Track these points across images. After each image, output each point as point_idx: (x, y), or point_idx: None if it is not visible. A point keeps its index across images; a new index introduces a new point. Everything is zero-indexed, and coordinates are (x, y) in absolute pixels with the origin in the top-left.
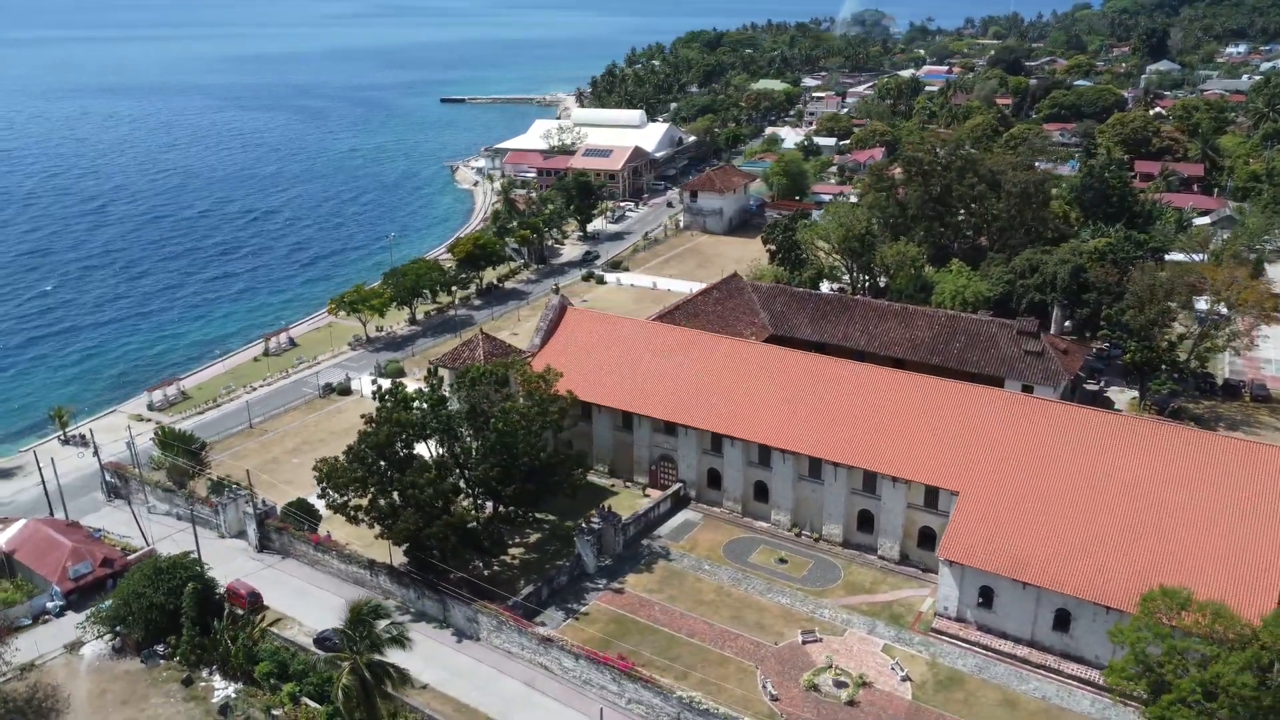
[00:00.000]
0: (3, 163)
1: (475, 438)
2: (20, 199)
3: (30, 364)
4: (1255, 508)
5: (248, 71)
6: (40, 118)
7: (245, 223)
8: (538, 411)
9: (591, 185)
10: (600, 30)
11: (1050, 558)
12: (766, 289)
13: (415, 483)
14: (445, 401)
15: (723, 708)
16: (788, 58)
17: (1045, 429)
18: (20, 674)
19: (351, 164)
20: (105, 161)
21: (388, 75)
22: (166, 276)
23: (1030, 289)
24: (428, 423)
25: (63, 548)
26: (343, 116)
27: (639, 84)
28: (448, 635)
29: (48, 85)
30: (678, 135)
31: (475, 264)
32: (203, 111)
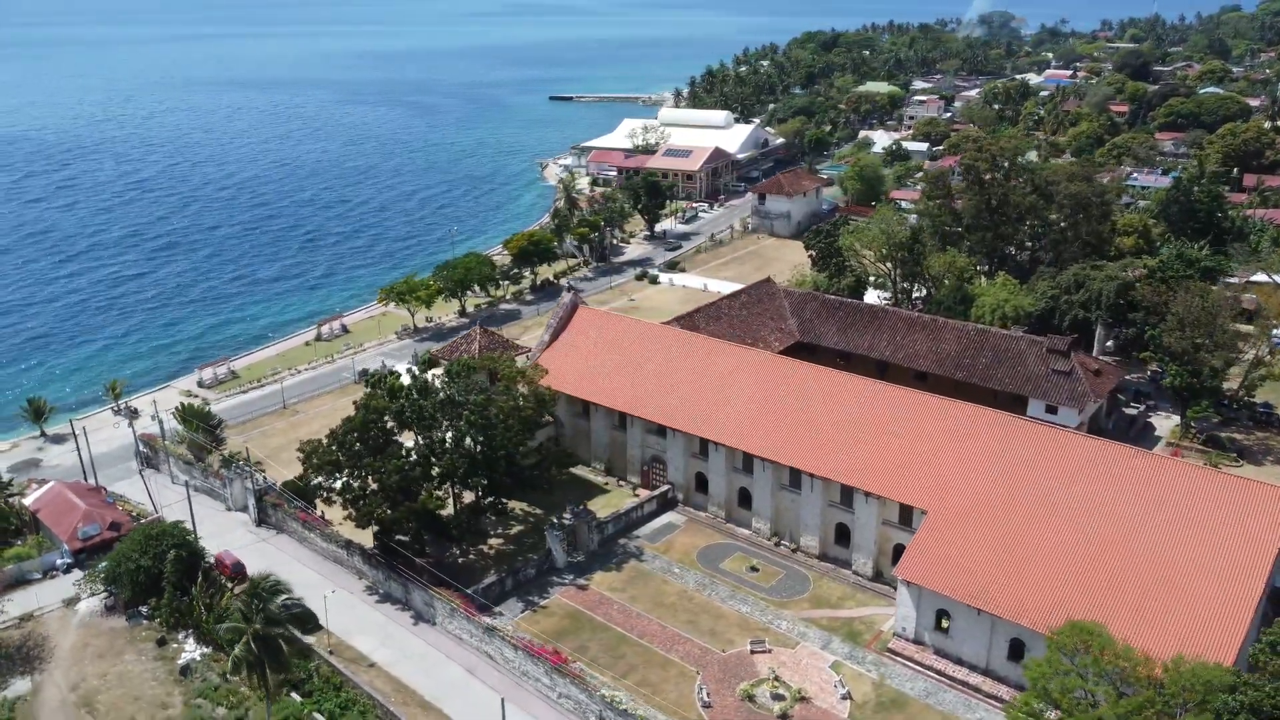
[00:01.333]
0: (135, 150)
1: (450, 428)
2: (139, 184)
3: (109, 338)
4: (1231, 547)
5: (374, 67)
6: (175, 109)
7: (335, 213)
8: (513, 406)
9: (659, 185)
10: (722, 30)
11: (1008, 585)
12: (799, 295)
13: (383, 468)
14: (426, 391)
15: (642, 709)
16: (902, 60)
17: (1026, 452)
18: (19, 623)
19: (449, 159)
20: (222, 151)
21: (505, 73)
22: (248, 261)
23: (1074, 306)
24: (401, 410)
25: (76, 510)
26: (452, 113)
27: (740, 85)
28: (406, 618)
29: (188, 78)
30: (763, 137)
31: (528, 260)
32: (322, 106)
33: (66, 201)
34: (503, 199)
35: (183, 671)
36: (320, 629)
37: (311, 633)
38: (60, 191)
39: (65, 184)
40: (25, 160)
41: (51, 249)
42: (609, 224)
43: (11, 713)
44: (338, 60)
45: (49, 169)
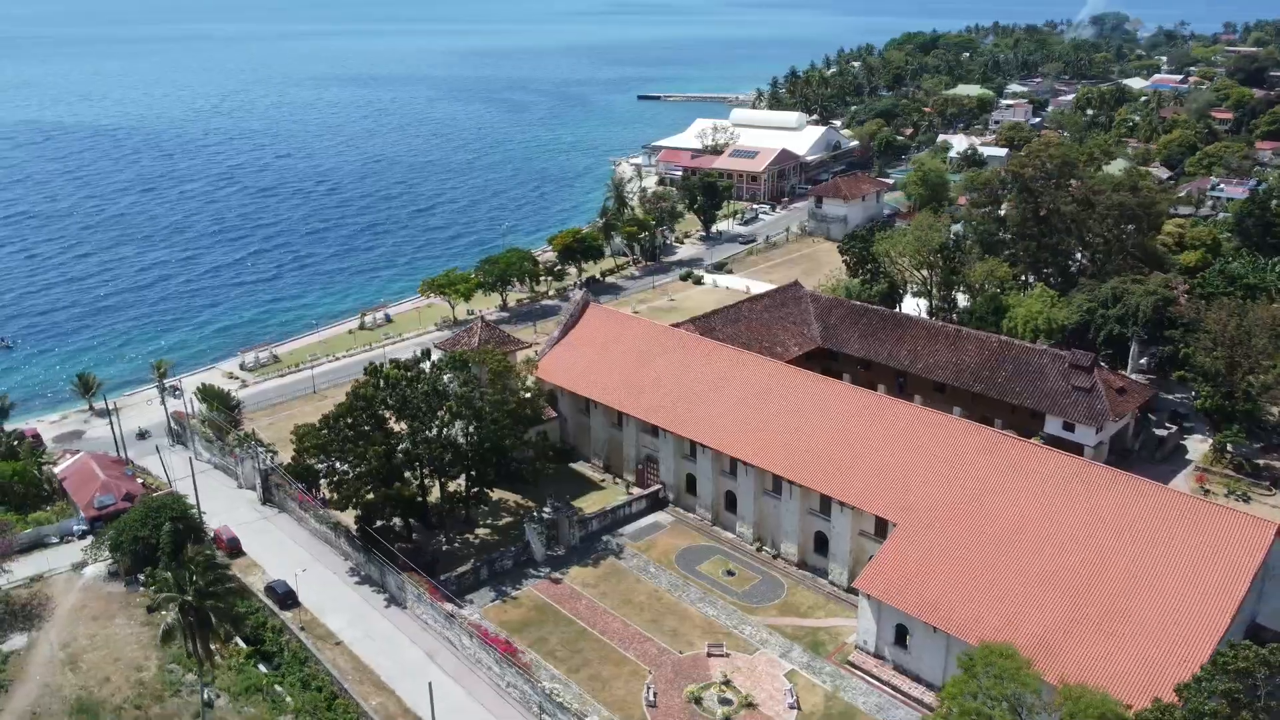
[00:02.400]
0: (233, 141)
1: (434, 418)
2: (229, 174)
3: (169, 318)
4: (1202, 577)
5: (475, 65)
6: (279, 104)
7: (404, 205)
8: (498, 399)
9: (716, 186)
10: (826, 30)
11: (964, 603)
12: (825, 300)
13: (364, 453)
14: (416, 381)
15: (585, 704)
16: (1000, 62)
17: (1005, 469)
18: (29, 583)
19: (526, 155)
20: (313, 145)
21: (599, 71)
22: (312, 249)
23: (1110, 320)
24: (384, 398)
25: (96, 481)
26: (540, 110)
27: (824, 86)
28: (380, 600)
29: (299, 74)
30: (835, 139)
31: (573, 257)
32: (417, 102)
33: (162, 188)
34: (569, 196)
35: (164, 637)
36: (297, 605)
37: (289, 609)
38: (159, 178)
39: (165, 172)
40: (135, 149)
41: (135, 233)
42: (659, 224)
43: (4, 664)
44: (442, 58)
45: (156, 157)
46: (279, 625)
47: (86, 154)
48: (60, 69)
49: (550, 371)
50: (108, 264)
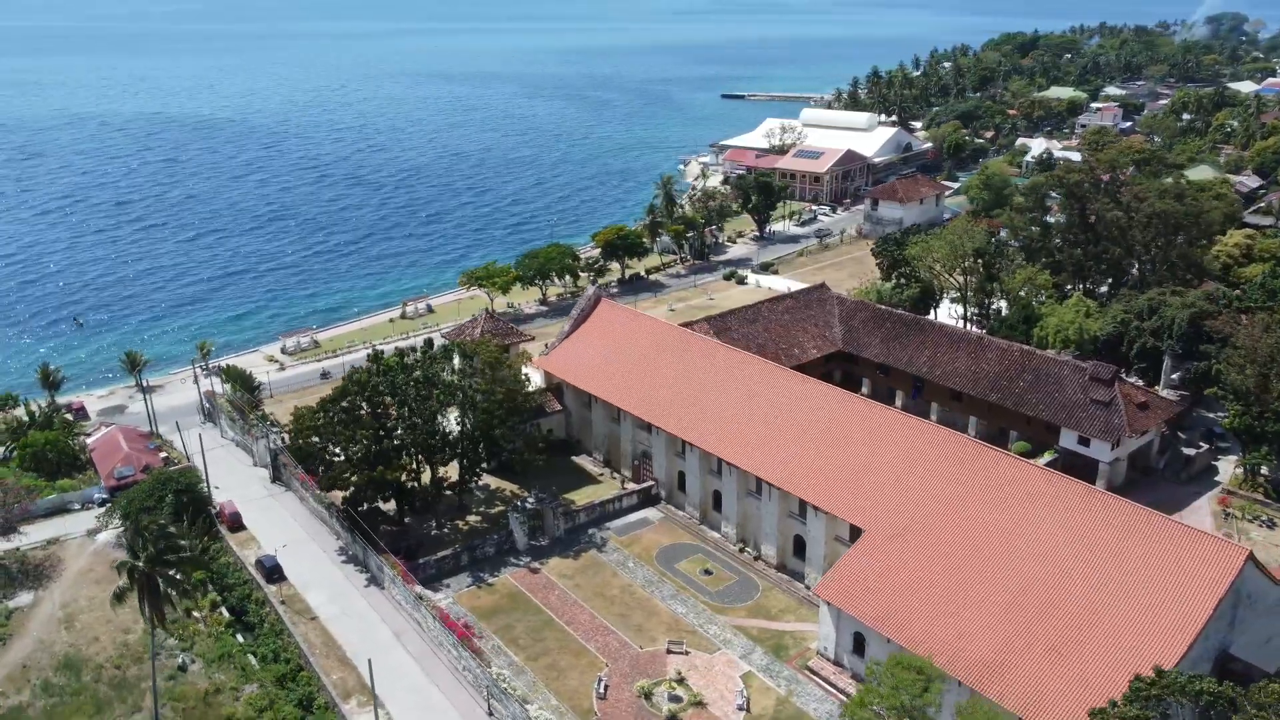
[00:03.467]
0: (325, 135)
1: (423, 405)
2: (314, 166)
3: (227, 302)
4: (1167, 600)
5: (567, 63)
6: (373, 99)
7: (470, 199)
8: (486, 389)
9: (772, 186)
10: (929, 29)
11: (919, 615)
12: (851, 303)
13: (351, 437)
14: (409, 368)
15: (526, 692)
16: (1100, 64)
17: (979, 480)
18: (45, 545)
19: (598, 152)
20: (397, 139)
21: (689, 69)
22: (372, 239)
23: (1144, 333)
24: (374, 383)
25: (119, 453)
26: (622, 108)
27: (907, 87)
28: (361, 580)
29: (396, 71)
30: (905, 141)
31: (615, 253)
32: (504, 99)
33: (247, 178)
34: (631, 193)
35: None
36: (283, 579)
37: (275, 582)
38: (247, 169)
39: (253, 163)
40: (232, 140)
41: (211, 220)
42: (708, 223)
43: (8, 620)
44: (537, 56)
45: (249, 149)
46: (262, 598)
47: (190, 145)
48: (184, 63)
49: (556, 365)
50: (182, 248)
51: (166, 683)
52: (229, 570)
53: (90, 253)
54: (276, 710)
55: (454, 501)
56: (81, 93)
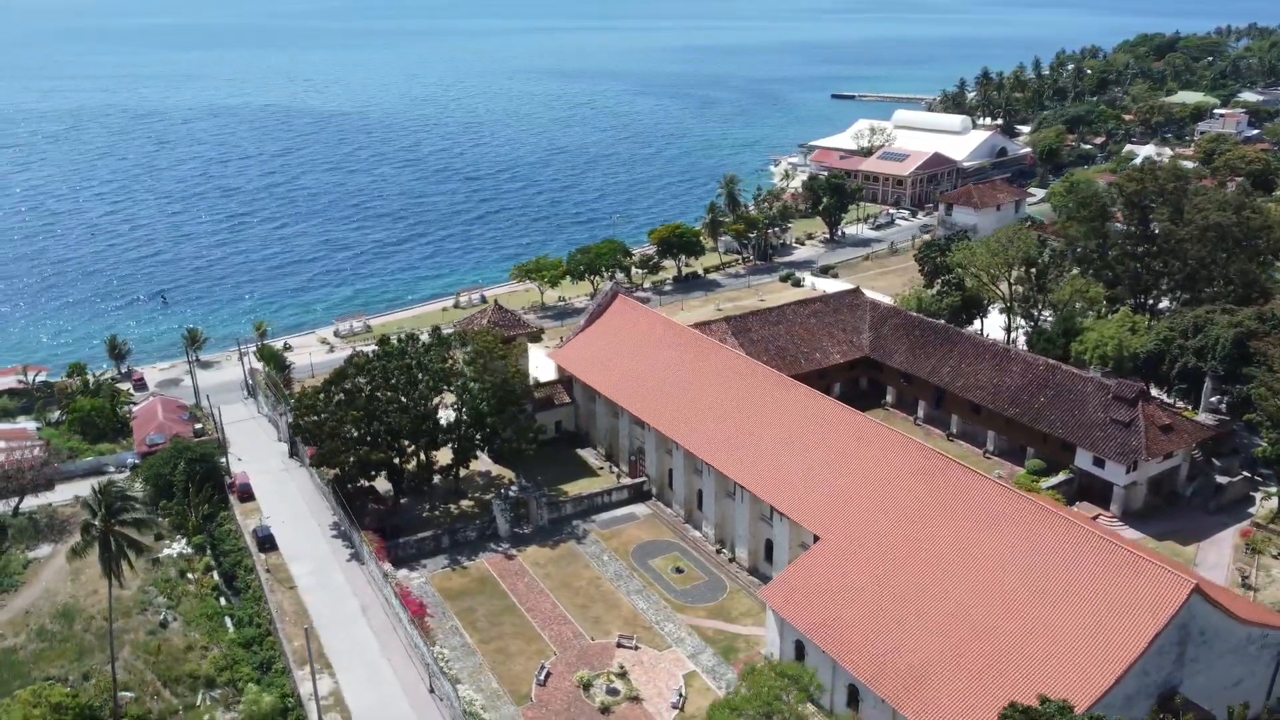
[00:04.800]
0: (430, 128)
1: (413, 390)
2: (412, 160)
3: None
4: (1106, 627)
5: (683, 61)
6: (485, 94)
7: (554, 194)
8: (474, 378)
9: (844, 187)
10: (1066, 30)
11: (855, 626)
12: (884, 309)
13: (343, 417)
14: (404, 353)
15: (462, 670)
16: (1240, 68)
17: (940, 494)
18: (74, 502)
19: (693, 150)
20: (498, 134)
21: (806, 68)
22: (449, 229)
23: (1187, 353)
24: (371, 367)
25: (154, 421)
26: (728, 107)
27: (1019, 88)
28: (345, 554)
29: (515, 68)
30: (1000, 145)
31: (671, 251)
32: (613, 96)
33: (346, 168)
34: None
35: (154, 562)
36: (274, 549)
37: (266, 552)
38: (349, 159)
39: (356, 154)
40: (344, 132)
41: (301, 207)
42: (771, 224)
43: (25, 569)
44: (657, 53)
45: (357, 141)
46: (251, 565)
47: (309, 137)
48: (315, 59)
49: (567, 358)
50: (274, 234)
51: (146, 637)
52: (227, 537)
53: (193, 235)
54: (235, 671)
55: (450, 486)
56: (219, 85)
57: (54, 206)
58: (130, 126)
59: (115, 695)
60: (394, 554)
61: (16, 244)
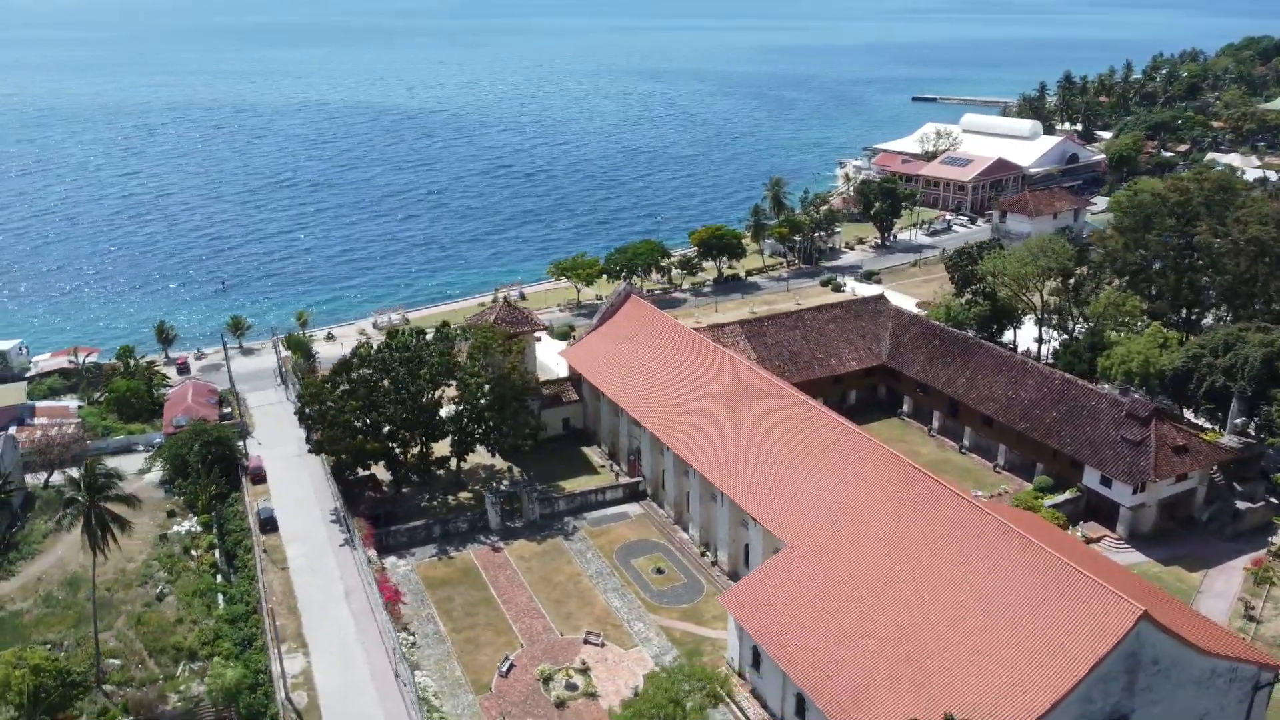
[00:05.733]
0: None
1: (412, 381)
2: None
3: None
4: (1050, 651)
5: (766, 61)
6: (564, 91)
7: (614, 193)
8: (473, 372)
9: (896, 192)
10: (1169, 31)
11: (806, 636)
12: (906, 317)
13: (343, 407)
14: (406, 346)
15: (421, 658)
16: None
17: (906, 507)
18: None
19: (760, 151)
20: (568, 132)
21: (890, 70)
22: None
23: (1216, 371)
24: (373, 358)
25: (181, 404)
26: (806, 108)
27: (1101, 92)
28: (340, 539)
29: (601, 67)
30: (1071, 151)
31: (711, 253)
32: (690, 96)
33: (416, 164)
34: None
35: (161, 538)
36: (275, 531)
37: (267, 533)
38: (427, 157)
39: (433, 152)
40: (425, 130)
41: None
42: (816, 227)
43: (44, 539)
44: (738, 53)
45: (433, 138)
46: (251, 545)
47: (398, 132)
48: (406, 57)
49: (576, 356)
50: (339, 227)
51: (142, 608)
52: (233, 517)
53: (263, 226)
54: (216, 645)
55: (452, 477)
56: (310, 82)
57: (143, 196)
58: (226, 120)
59: (99, 661)
60: (384, 541)
61: (103, 231)
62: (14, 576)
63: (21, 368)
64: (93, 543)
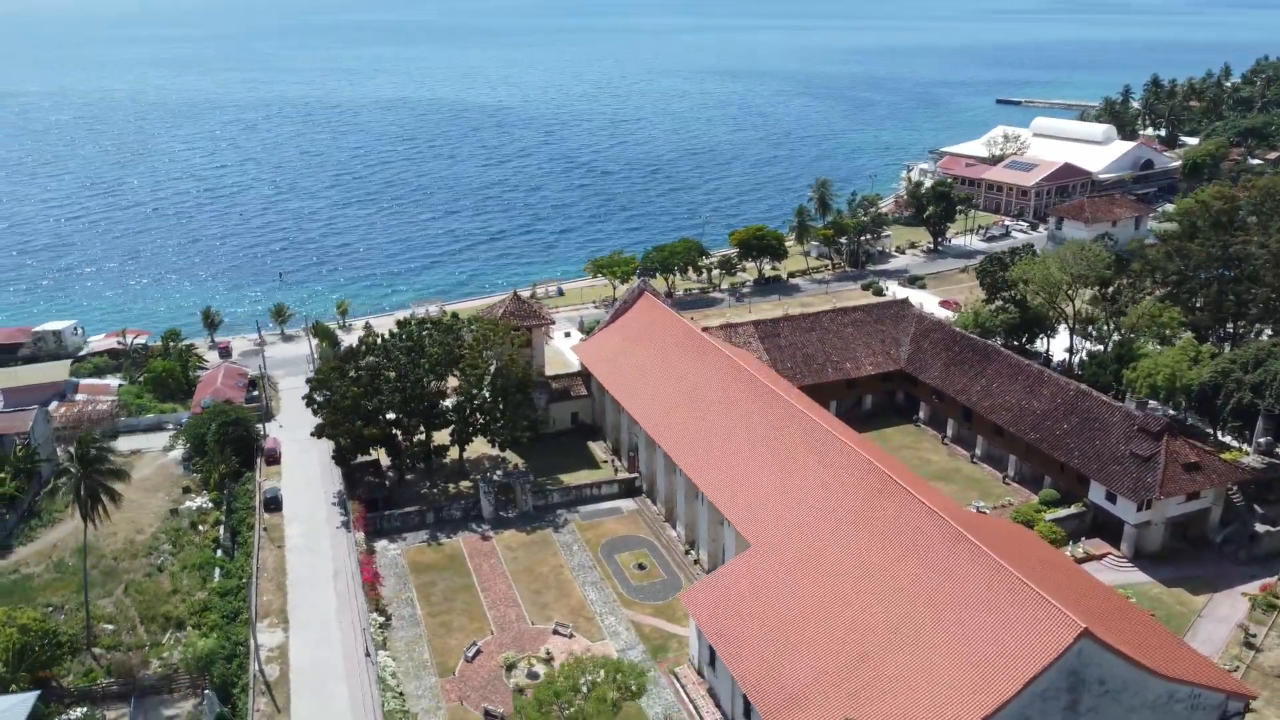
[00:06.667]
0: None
1: (412, 370)
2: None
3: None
4: (982, 664)
5: (850, 61)
6: (644, 92)
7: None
8: (471, 364)
9: (949, 196)
10: None
11: (753, 637)
12: (929, 323)
13: (345, 392)
14: (409, 335)
15: (392, 639)
16: None
17: (871, 512)
18: (129, 454)
19: (826, 152)
20: (643, 130)
21: (977, 72)
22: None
23: (1244, 387)
24: (378, 347)
25: (210, 387)
26: (883, 109)
27: (1192, 96)
28: (338, 520)
29: (683, 66)
30: (1146, 157)
31: (750, 253)
32: (763, 95)
33: (498, 163)
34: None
35: (172, 512)
36: (279, 510)
37: (272, 512)
38: (493, 153)
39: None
40: (502, 127)
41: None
42: (862, 230)
43: (66, 508)
44: (822, 53)
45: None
46: (253, 522)
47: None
48: (495, 56)
49: (585, 352)
50: (398, 220)
51: (143, 578)
52: (243, 495)
53: (334, 219)
54: (204, 616)
55: (455, 466)
56: (397, 80)
57: (224, 189)
58: (312, 116)
59: (89, 624)
60: (379, 525)
61: (180, 222)
62: (32, 542)
63: (76, 347)
64: (84, 512)
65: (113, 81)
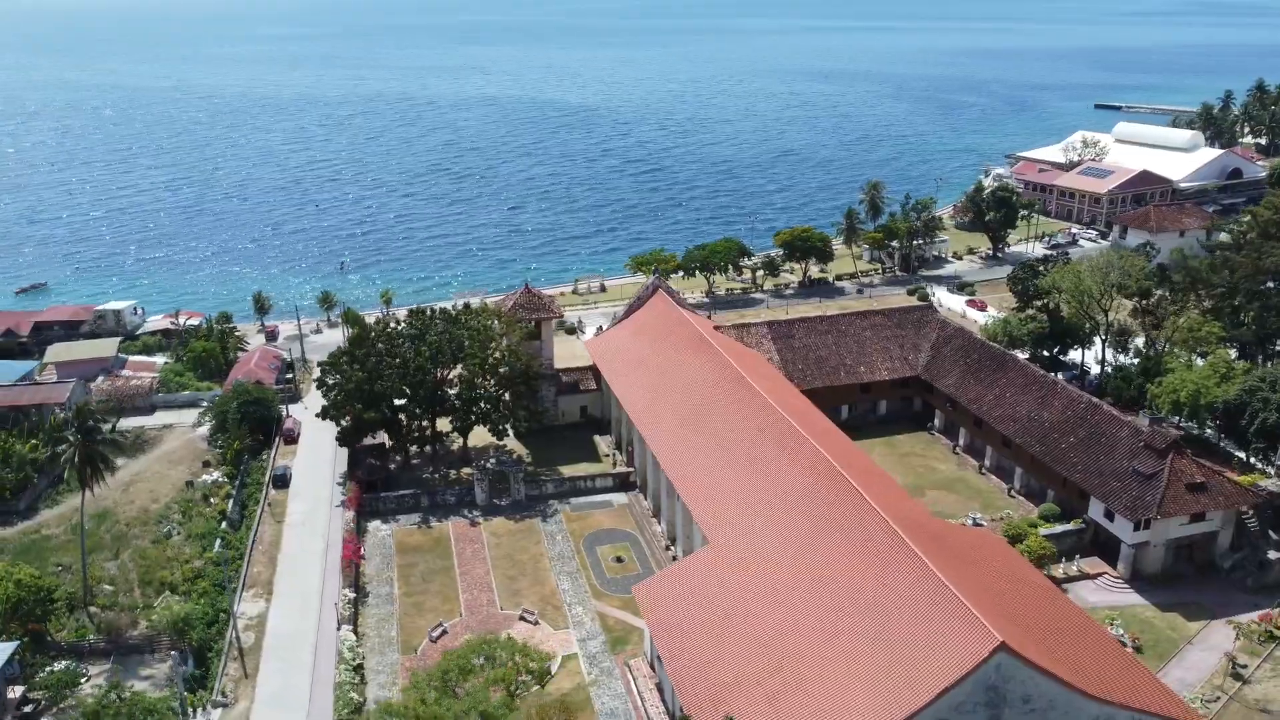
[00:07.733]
0: (661, 123)
1: (415, 357)
2: (624, 151)
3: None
4: (905, 672)
5: (949, 64)
6: (731, 93)
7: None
8: (472, 354)
9: (1010, 201)
10: None
11: (692, 634)
12: (951, 330)
13: (350, 375)
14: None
15: (363, 615)
16: None
17: (829, 517)
18: (161, 428)
19: (908, 155)
20: (725, 130)
21: (1082, 75)
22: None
23: (1271, 406)
24: (382, 333)
25: (244, 367)
26: (973, 113)
27: None
28: (339, 499)
29: (779, 67)
30: (1234, 166)
31: (795, 254)
32: (856, 98)
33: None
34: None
35: (187, 484)
36: (286, 487)
37: (279, 489)
38: (572, 152)
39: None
40: (586, 126)
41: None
42: (914, 234)
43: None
44: (922, 55)
45: (598, 135)
46: (260, 498)
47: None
48: (594, 55)
49: (595, 347)
50: (467, 215)
51: (149, 544)
52: (255, 471)
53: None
54: (196, 583)
55: (460, 453)
56: (492, 79)
57: (309, 182)
58: (406, 112)
59: (85, 583)
60: (374, 506)
61: (261, 212)
62: (56, 506)
63: (134, 327)
64: (81, 479)
65: (229, 78)
